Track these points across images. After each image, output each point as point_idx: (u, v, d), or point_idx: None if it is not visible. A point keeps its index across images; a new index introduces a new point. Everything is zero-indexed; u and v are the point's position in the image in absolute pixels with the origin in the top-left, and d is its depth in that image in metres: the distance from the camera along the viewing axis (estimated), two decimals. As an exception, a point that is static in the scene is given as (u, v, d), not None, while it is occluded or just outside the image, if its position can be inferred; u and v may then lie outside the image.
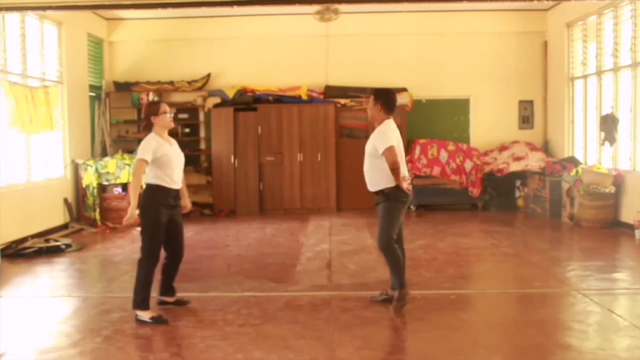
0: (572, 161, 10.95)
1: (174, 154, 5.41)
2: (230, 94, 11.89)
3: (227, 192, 11.87)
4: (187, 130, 12.35)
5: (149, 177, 5.33)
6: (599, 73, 10.31)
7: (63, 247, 8.35)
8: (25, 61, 9.37)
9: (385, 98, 5.47)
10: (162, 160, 5.27)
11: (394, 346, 4.75)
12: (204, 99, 12.22)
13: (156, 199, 5.25)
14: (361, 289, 5.99)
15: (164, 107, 5.46)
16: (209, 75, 12.29)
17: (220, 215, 11.75)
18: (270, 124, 11.81)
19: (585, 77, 10.93)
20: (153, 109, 5.44)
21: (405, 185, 5.33)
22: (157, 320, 5.13)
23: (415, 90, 12.15)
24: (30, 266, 7.58)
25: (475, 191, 11.78)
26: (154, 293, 5.47)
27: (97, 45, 12.04)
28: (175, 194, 5.38)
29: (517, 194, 11.76)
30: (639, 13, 9.07)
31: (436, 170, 11.74)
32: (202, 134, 12.42)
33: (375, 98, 5.47)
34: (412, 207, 11.82)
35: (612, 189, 9.41)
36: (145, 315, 5.15)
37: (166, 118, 5.42)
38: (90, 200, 10.46)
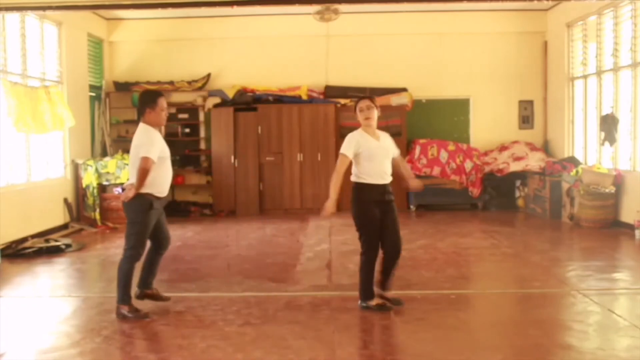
0: (572, 161, 10.94)
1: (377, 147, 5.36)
2: (230, 94, 11.90)
3: (227, 192, 11.87)
4: (187, 130, 12.35)
5: (354, 174, 5.34)
6: (599, 73, 10.31)
7: (63, 247, 8.34)
8: (25, 61, 9.36)
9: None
10: (364, 155, 5.28)
11: (393, 346, 4.75)
12: (204, 99, 12.24)
13: (365, 196, 5.29)
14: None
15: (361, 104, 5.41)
16: (209, 75, 12.29)
17: (220, 215, 11.75)
18: (270, 124, 11.80)
19: (585, 77, 10.93)
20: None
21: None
22: (383, 308, 5.27)
23: (415, 90, 12.15)
24: (30, 266, 7.57)
25: (475, 191, 11.78)
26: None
27: (97, 45, 12.04)
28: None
29: (517, 194, 11.76)
30: (639, 13, 9.07)
31: (436, 170, 11.74)
32: (202, 134, 12.42)
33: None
34: (412, 207, 11.83)
35: (612, 189, 9.41)
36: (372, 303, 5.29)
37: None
38: (90, 200, 10.46)
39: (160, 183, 5.35)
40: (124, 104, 12.24)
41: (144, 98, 5.51)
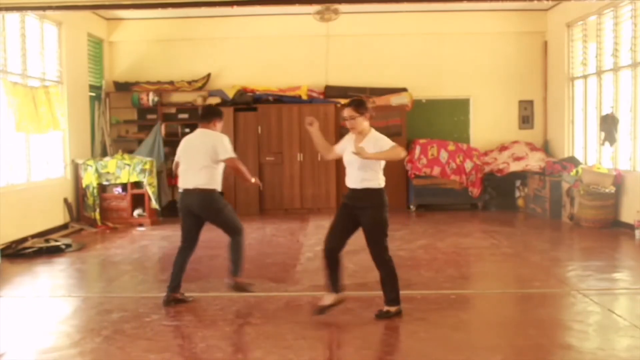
0: (572, 161, 10.94)
1: None
2: (230, 94, 11.89)
3: (227, 192, 11.84)
4: (187, 130, 12.29)
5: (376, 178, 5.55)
6: (599, 73, 10.31)
7: (63, 247, 8.34)
8: (25, 61, 9.36)
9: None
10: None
11: (393, 346, 4.75)
12: (204, 99, 12.22)
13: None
14: (361, 289, 5.99)
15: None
16: (209, 75, 12.29)
17: (220, 215, 11.72)
18: (270, 124, 11.80)
19: (585, 77, 10.93)
20: None
21: None
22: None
23: (415, 90, 12.15)
24: (30, 266, 7.57)
25: (475, 191, 11.78)
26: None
27: (97, 45, 12.03)
28: None
29: (517, 194, 11.76)
30: (639, 13, 9.07)
31: (436, 170, 11.73)
32: (202, 134, 12.40)
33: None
34: (412, 207, 11.83)
35: (612, 189, 9.41)
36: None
37: None
38: (90, 200, 10.46)
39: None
40: (124, 104, 12.24)
41: (216, 110, 6.44)
